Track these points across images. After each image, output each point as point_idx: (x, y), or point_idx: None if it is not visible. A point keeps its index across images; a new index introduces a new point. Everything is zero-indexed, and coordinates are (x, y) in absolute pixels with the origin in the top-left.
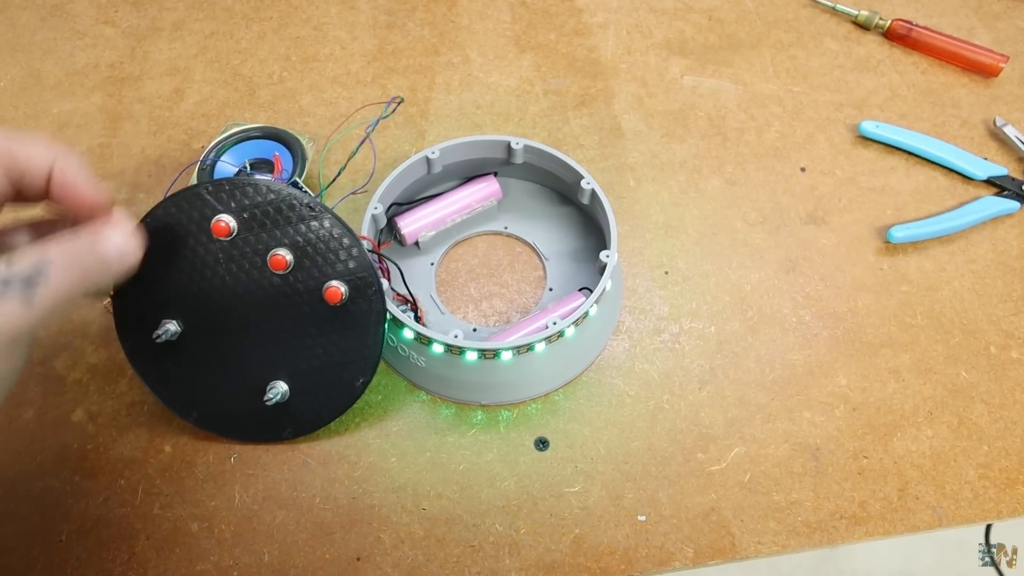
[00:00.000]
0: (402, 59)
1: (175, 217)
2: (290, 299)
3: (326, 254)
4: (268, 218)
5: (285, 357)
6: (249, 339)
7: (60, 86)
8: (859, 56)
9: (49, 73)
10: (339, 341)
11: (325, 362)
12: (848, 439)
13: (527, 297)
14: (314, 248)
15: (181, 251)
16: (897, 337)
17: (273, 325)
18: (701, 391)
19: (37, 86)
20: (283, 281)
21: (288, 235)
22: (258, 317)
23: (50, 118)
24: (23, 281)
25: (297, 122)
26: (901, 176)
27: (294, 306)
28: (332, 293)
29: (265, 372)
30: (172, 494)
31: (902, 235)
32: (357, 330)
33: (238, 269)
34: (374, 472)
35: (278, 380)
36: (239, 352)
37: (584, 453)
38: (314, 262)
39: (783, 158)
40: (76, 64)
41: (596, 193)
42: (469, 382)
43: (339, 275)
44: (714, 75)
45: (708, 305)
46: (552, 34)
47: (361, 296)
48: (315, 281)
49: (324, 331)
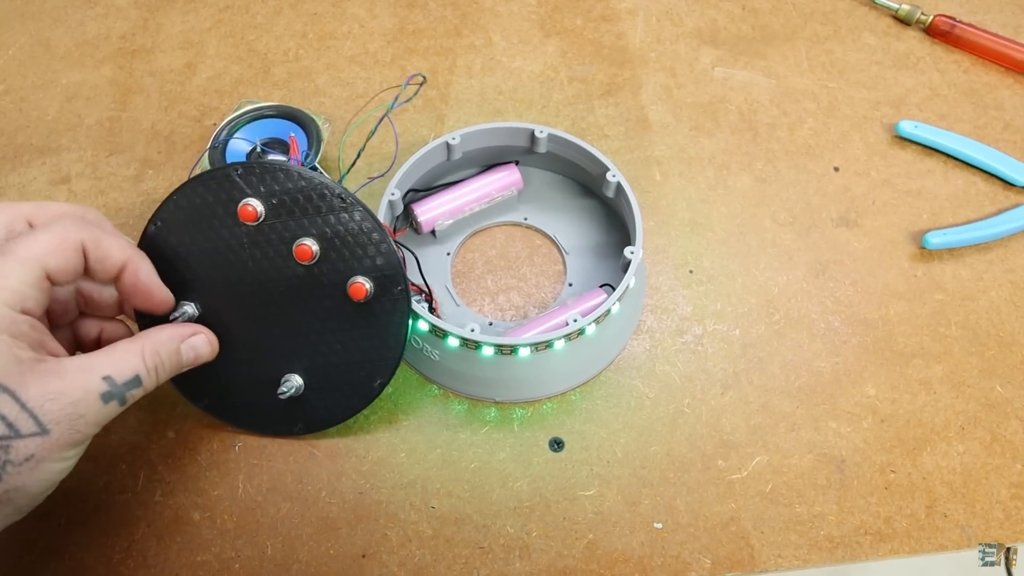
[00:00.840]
0: (423, 40)
1: (203, 197)
2: (313, 291)
3: (354, 248)
4: (297, 206)
5: (303, 351)
6: (267, 329)
7: (70, 56)
8: (899, 52)
9: (59, 42)
10: (359, 339)
11: (343, 359)
12: (875, 452)
13: (545, 292)
14: (342, 241)
15: (205, 233)
16: (930, 347)
17: (293, 317)
18: (723, 396)
19: (46, 55)
20: (307, 272)
21: (316, 225)
22: (278, 307)
23: (59, 88)
24: (125, 386)
25: (312, 102)
26: (939, 179)
27: (316, 299)
28: (357, 289)
29: (281, 364)
30: (174, 481)
31: (938, 241)
32: (379, 329)
33: (262, 256)
34: (382, 467)
35: (293, 373)
36: (256, 342)
37: (600, 456)
38: (340, 255)
39: (816, 156)
40: (87, 34)
41: (622, 187)
42: (484, 377)
43: (365, 271)
44: (746, 67)
45: (733, 307)
46: (579, 19)
47: (386, 294)
48: (340, 275)
49: (345, 327)
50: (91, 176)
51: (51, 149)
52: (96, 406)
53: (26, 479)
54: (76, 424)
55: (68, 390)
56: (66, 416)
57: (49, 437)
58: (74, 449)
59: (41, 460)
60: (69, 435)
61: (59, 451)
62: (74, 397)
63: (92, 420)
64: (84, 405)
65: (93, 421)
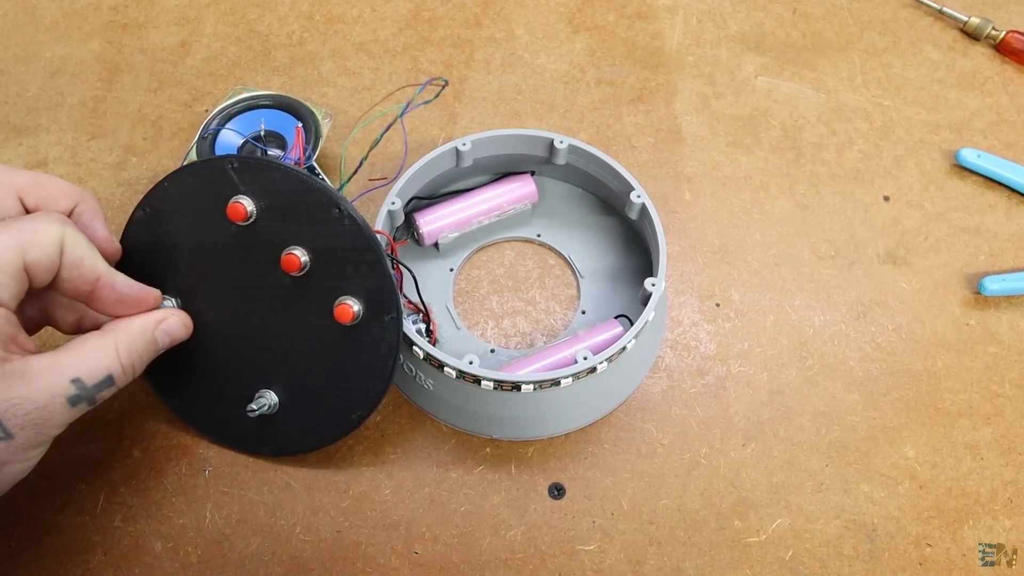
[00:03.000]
0: (438, 29)
1: (194, 187)
2: (298, 305)
3: (345, 265)
4: (291, 210)
5: (281, 367)
6: (247, 339)
7: (56, 27)
8: (964, 70)
9: (45, 11)
10: (342, 365)
11: (323, 384)
12: (911, 521)
13: (555, 319)
14: (334, 255)
15: (192, 226)
16: (979, 407)
17: (275, 329)
18: (745, 448)
19: (31, 25)
20: (294, 284)
21: (308, 234)
22: (260, 317)
23: (42, 63)
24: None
25: (314, 92)
26: (1000, 217)
27: (301, 314)
28: (343, 311)
29: (257, 378)
30: (136, 506)
31: (996, 288)
32: (364, 358)
33: (249, 259)
34: (364, 504)
35: (269, 390)
36: (235, 350)
37: (604, 506)
38: (331, 271)
39: (865, 183)
40: (76, 3)
41: (647, 209)
42: (481, 412)
43: (356, 292)
44: (793, 78)
45: (762, 348)
46: (611, 14)
47: (376, 321)
48: (328, 293)
49: (328, 350)
50: (70, 161)
51: (29, 129)
52: (63, 409)
53: None
54: (42, 428)
55: (34, 395)
56: (30, 421)
57: (13, 442)
58: (37, 449)
59: (4, 463)
60: (34, 438)
61: (23, 453)
62: (40, 402)
63: (58, 423)
64: (50, 409)
65: (60, 423)
